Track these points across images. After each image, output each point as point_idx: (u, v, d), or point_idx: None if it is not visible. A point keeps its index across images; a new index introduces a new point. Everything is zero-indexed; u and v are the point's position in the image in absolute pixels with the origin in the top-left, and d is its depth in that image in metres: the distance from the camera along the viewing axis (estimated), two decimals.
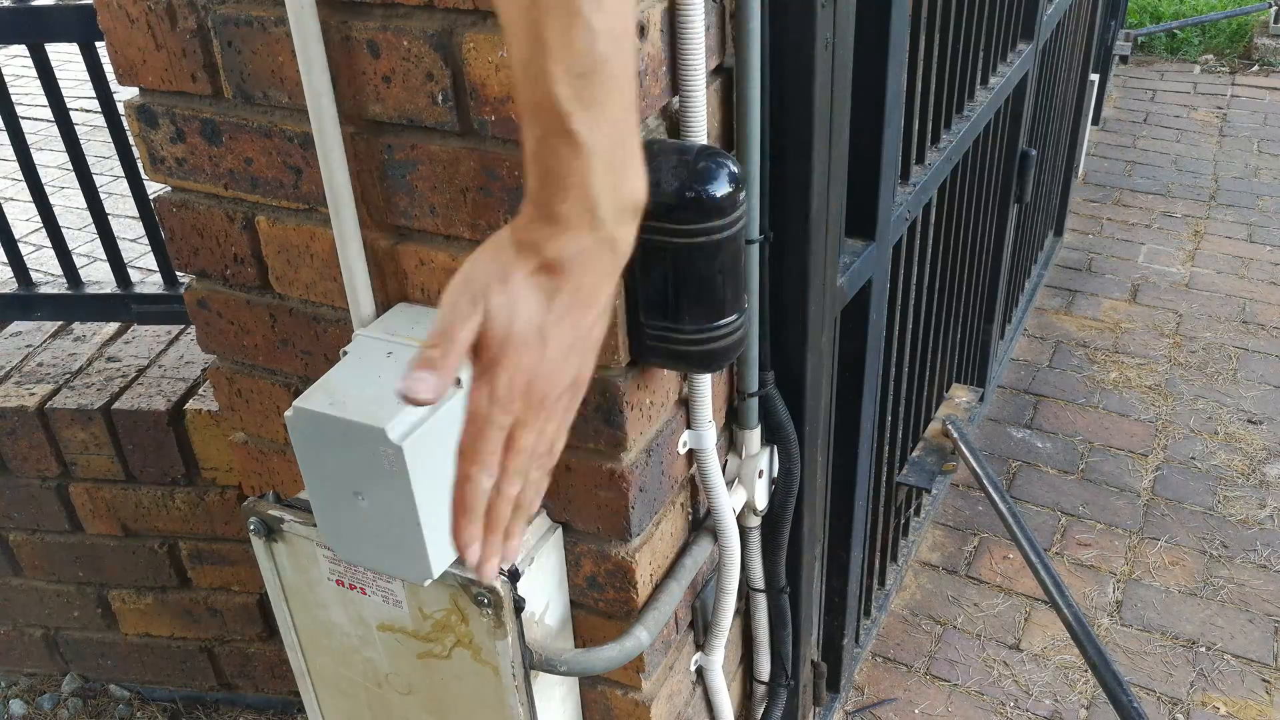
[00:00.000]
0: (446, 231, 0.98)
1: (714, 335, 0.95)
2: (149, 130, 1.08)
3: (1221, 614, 2.01)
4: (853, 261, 1.33)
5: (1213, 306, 3.01)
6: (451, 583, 0.99)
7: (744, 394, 1.19)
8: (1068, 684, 1.88)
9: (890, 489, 1.88)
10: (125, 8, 1.00)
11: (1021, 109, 2.12)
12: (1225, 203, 3.59)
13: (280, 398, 1.21)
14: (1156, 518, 2.25)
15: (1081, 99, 3.13)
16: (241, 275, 1.13)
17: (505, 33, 0.60)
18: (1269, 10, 4.83)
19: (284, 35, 0.94)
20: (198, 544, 1.77)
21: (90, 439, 1.67)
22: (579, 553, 1.12)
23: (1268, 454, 2.42)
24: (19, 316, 1.85)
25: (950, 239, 1.89)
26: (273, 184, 1.04)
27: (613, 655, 1.08)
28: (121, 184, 3.13)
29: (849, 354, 1.45)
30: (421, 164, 0.95)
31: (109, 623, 1.91)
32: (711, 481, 1.16)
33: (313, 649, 1.17)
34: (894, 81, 1.27)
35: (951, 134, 1.69)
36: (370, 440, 0.87)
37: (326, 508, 0.95)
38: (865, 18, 1.18)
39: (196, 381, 1.69)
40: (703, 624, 1.29)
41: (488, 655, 1.02)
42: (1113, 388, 2.68)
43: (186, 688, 1.99)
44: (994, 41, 1.88)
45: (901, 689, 1.89)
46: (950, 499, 2.34)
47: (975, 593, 2.09)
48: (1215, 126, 4.19)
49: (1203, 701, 1.83)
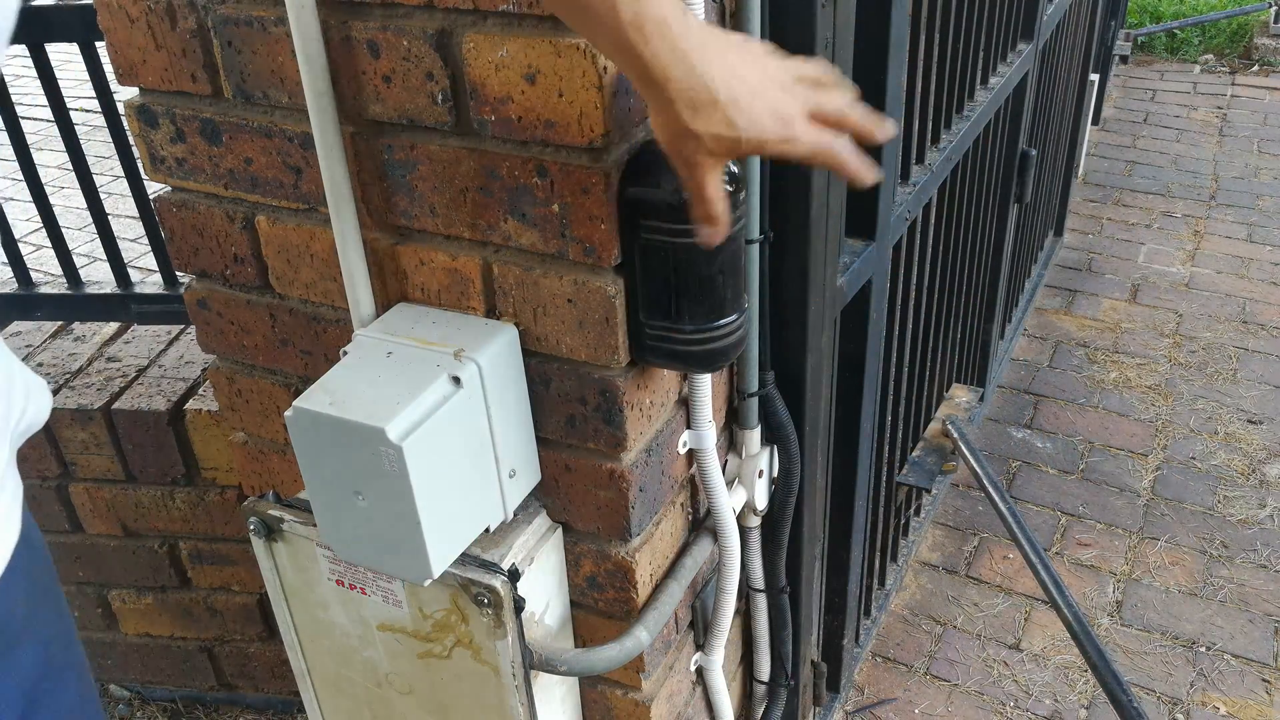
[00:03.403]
0: (446, 231, 0.98)
1: (714, 335, 0.95)
2: (149, 130, 1.08)
3: (1221, 614, 2.01)
4: (853, 261, 1.33)
5: (1213, 306, 3.01)
6: (451, 583, 0.99)
7: (744, 394, 1.19)
8: (1068, 684, 1.88)
9: (890, 489, 1.88)
10: (125, 8, 1.00)
11: (1021, 109, 2.12)
12: (1225, 202, 3.59)
13: (280, 398, 1.21)
14: (1156, 518, 2.25)
15: (1081, 99, 3.13)
16: (241, 275, 1.13)
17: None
18: (1269, 10, 4.83)
19: (284, 35, 0.94)
20: (198, 544, 1.77)
21: (90, 439, 1.67)
22: (579, 553, 1.12)
23: (1268, 454, 2.42)
24: (19, 316, 1.85)
25: (950, 239, 1.89)
26: (273, 184, 1.04)
27: (613, 655, 1.08)
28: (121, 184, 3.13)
29: (849, 354, 1.45)
30: (421, 164, 0.95)
31: (109, 623, 1.91)
32: (711, 481, 1.16)
33: (313, 649, 1.17)
34: (894, 81, 1.27)
35: (951, 134, 1.69)
36: (370, 440, 0.87)
37: (326, 508, 0.95)
38: (865, 18, 1.18)
39: (196, 381, 1.69)
40: (703, 624, 1.29)
41: (488, 655, 1.02)
42: (1113, 388, 2.68)
43: (186, 688, 1.99)
44: (994, 41, 1.88)
45: (901, 689, 1.89)
46: (950, 499, 2.34)
47: (975, 593, 2.09)
48: (1215, 126, 4.19)
49: (1203, 701, 1.83)
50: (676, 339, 0.95)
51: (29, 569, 0.82)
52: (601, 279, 0.93)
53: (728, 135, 0.76)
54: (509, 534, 1.06)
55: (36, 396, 0.84)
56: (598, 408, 1.00)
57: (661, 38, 0.72)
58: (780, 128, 0.77)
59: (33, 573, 0.82)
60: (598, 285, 0.93)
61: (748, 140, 0.76)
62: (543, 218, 0.92)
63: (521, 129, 0.89)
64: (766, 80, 0.77)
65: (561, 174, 0.89)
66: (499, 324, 0.99)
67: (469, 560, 1.00)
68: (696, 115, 0.75)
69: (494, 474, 1.00)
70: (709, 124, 0.75)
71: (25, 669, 0.80)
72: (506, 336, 0.98)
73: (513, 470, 1.02)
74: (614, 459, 1.02)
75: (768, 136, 0.77)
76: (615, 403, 0.98)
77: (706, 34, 0.75)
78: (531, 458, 1.06)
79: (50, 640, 0.84)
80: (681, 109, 0.75)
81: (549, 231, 0.93)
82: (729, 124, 0.75)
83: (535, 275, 0.96)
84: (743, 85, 0.75)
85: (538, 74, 0.86)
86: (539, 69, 0.85)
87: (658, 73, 0.73)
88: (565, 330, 0.97)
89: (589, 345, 0.97)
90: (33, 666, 0.81)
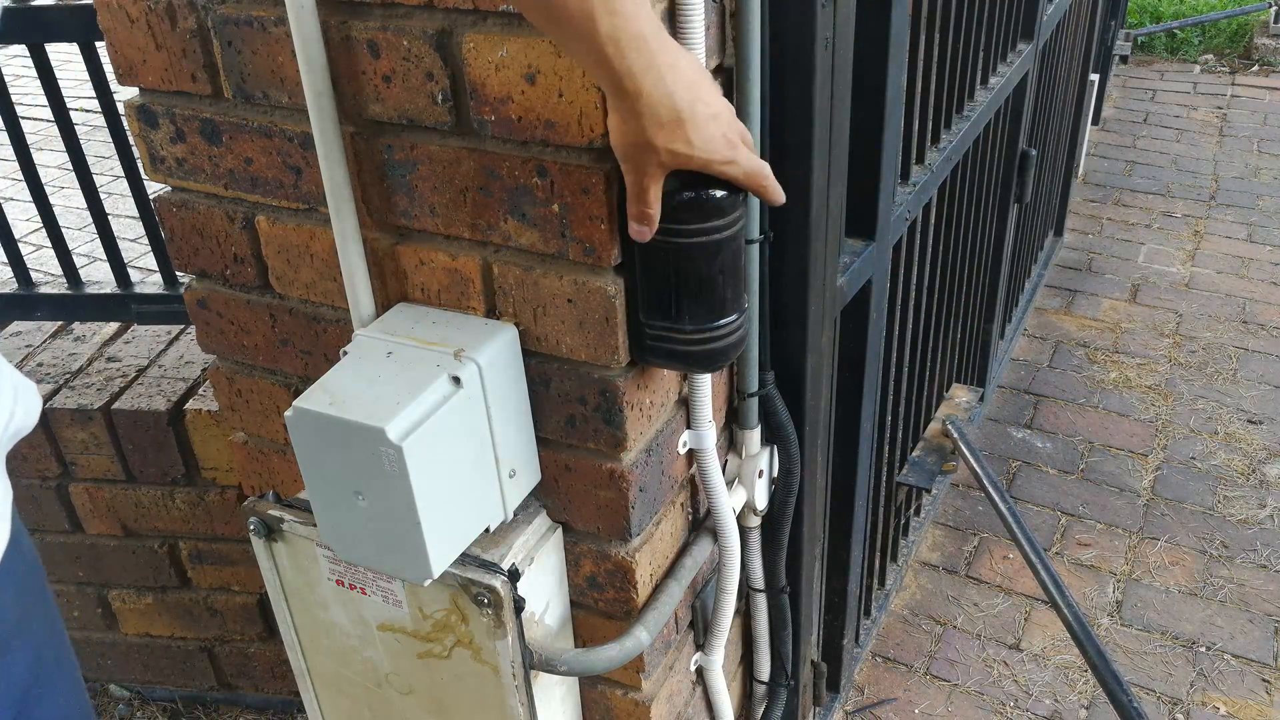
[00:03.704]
0: (446, 231, 0.98)
1: (714, 335, 0.95)
2: (149, 130, 1.08)
3: (1221, 614, 2.01)
4: (853, 261, 1.33)
5: (1213, 306, 3.01)
6: (451, 583, 0.99)
7: (744, 394, 1.19)
8: (1068, 684, 1.88)
9: (890, 489, 1.88)
10: (125, 8, 1.00)
11: (1021, 109, 2.12)
12: (1225, 203, 3.59)
13: (280, 398, 1.21)
14: (1156, 518, 2.25)
15: (1081, 99, 3.13)
16: (241, 275, 1.13)
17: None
18: (1269, 10, 4.83)
19: (284, 35, 0.94)
20: (198, 544, 1.77)
21: (90, 439, 1.67)
22: (579, 553, 1.12)
23: (1268, 454, 2.42)
24: (19, 316, 1.85)
25: (950, 239, 1.89)
26: (273, 184, 1.04)
27: (613, 655, 1.08)
28: (121, 184, 3.13)
29: (849, 354, 1.45)
30: (421, 164, 0.95)
31: (109, 623, 1.91)
32: (711, 481, 1.16)
33: (313, 649, 1.17)
34: (894, 81, 1.27)
35: (951, 134, 1.69)
36: (370, 440, 0.87)
37: (326, 508, 0.95)
38: (865, 18, 1.18)
39: (196, 381, 1.69)
40: (703, 624, 1.29)
41: (488, 655, 1.02)
42: (1113, 388, 2.68)
43: (186, 688, 1.99)
44: (994, 41, 1.88)
45: (901, 689, 1.89)
46: (950, 499, 2.34)
47: (975, 593, 2.09)
48: (1215, 126, 4.19)
49: (1203, 701, 1.83)
50: (676, 339, 0.95)
51: (19, 573, 0.82)
52: (601, 279, 0.93)
53: (683, 152, 0.80)
54: (509, 534, 1.06)
55: (25, 399, 0.84)
56: (598, 408, 1.00)
57: (638, 52, 0.75)
58: (727, 150, 0.83)
59: (22, 576, 0.82)
60: (598, 285, 0.93)
61: (699, 158, 0.81)
62: (543, 218, 0.92)
63: (521, 129, 0.89)
64: (721, 105, 0.82)
65: (561, 174, 0.89)
66: (499, 324, 0.99)
67: (469, 560, 1.00)
68: (660, 130, 0.79)
69: (494, 474, 1.00)
70: (670, 139, 0.79)
71: (17, 673, 0.80)
72: (506, 336, 0.98)
73: (513, 470, 1.02)
74: (614, 459, 1.02)
75: (715, 157, 0.82)
76: (615, 403, 0.98)
77: (679, 54, 0.78)
78: (531, 458, 1.06)
79: (41, 644, 0.84)
80: (647, 122, 0.78)
81: (549, 231, 0.93)
82: (688, 142, 0.80)
83: (535, 275, 0.96)
84: (705, 108, 0.80)
85: (538, 74, 0.86)
86: (539, 69, 0.85)
87: (630, 85, 0.76)
88: (565, 330, 0.97)
89: (589, 345, 0.97)
90: (25, 670, 0.81)
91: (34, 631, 0.83)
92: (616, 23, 0.73)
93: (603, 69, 0.76)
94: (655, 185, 0.84)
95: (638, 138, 0.79)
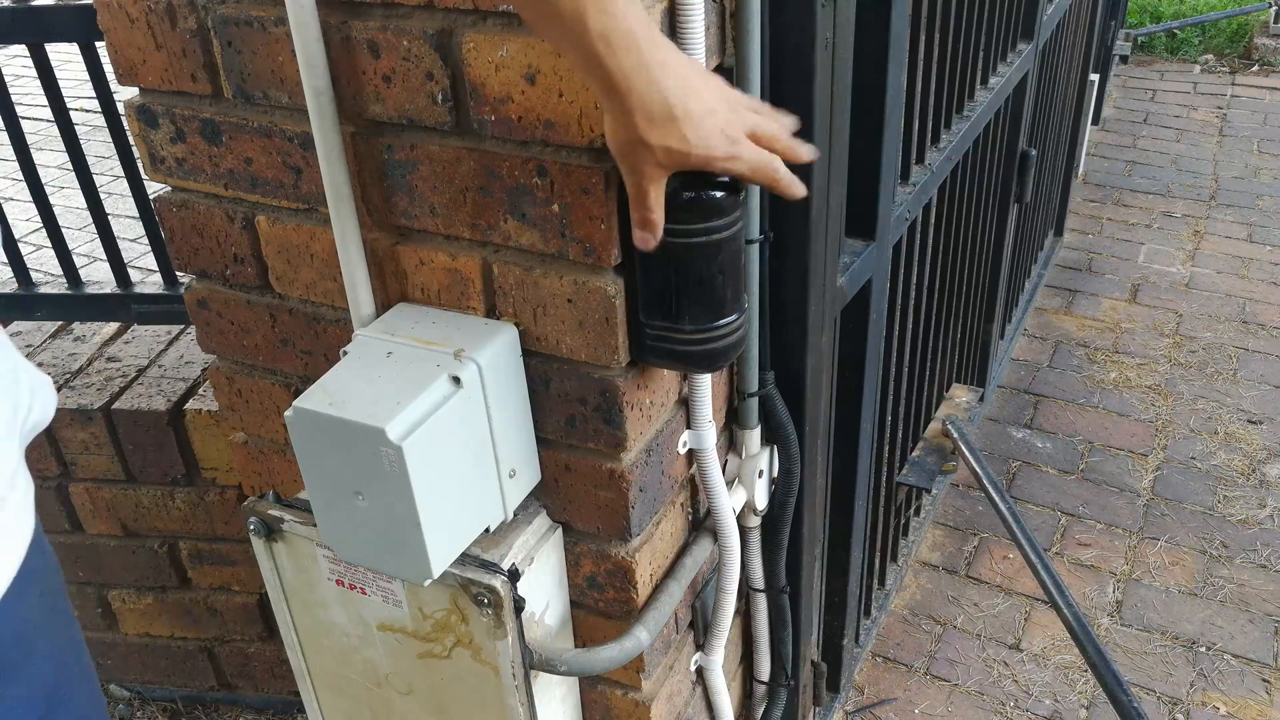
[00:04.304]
0: (446, 231, 0.98)
1: (714, 335, 0.95)
2: (149, 130, 1.08)
3: (1221, 614, 2.01)
4: (853, 261, 1.33)
5: (1213, 306, 3.01)
6: (451, 583, 0.99)
7: (744, 394, 1.19)
8: (1068, 684, 1.88)
9: (890, 489, 1.88)
10: (125, 8, 1.00)
11: (1021, 109, 2.12)
12: (1225, 203, 3.59)
13: (280, 398, 1.21)
14: (1156, 518, 2.25)
15: (1081, 99, 3.13)
16: (241, 275, 1.13)
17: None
18: (1269, 10, 4.83)
19: (284, 35, 0.94)
20: (198, 544, 1.77)
21: (90, 439, 1.67)
22: (579, 553, 1.12)
23: (1268, 454, 2.42)
24: (19, 316, 1.85)
25: (950, 239, 1.89)
26: (273, 184, 1.04)
27: (613, 655, 1.08)
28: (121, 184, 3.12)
29: (849, 354, 1.45)
30: (421, 164, 0.95)
31: (109, 623, 1.91)
32: (711, 481, 1.16)
33: (313, 649, 1.17)
34: (894, 81, 1.27)
35: (951, 134, 1.69)
36: (370, 440, 0.87)
37: (326, 508, 0.95)
38: (865, 18, 1.18)
39: (196, 381, 1.69)
40: (703, 624, 1.29)
41: (488, 655, 1.02)
42: (1113, 388, 2.68)
43: (186, 688, 1.99)
44: (994, 41, 1.88)
45: (901, 689, 1.89)
46: (950, 499, 2.34)
47: (975, 593, 2.09)
48: (1215, 126, 4.19)
49: (1203, 701, 1.83)
50: (676, 339, 0.95)
51: (43, 570, 0.81)
52: (601, 279, 0.93)
53: (679, 149, 0.79)
54: (509, 534, 1.06)
55: (42, 394, 0.84)
56: (598, 408, 1.00)
57: (628, 50, 0.75)
58: (727, 146, 0.81)
59: (46, 575, 0.82)
60: (598, 285, 0.93)
61: (697, 155, 0.80)
62: (543, 218, 0.92)
63: (521, 129, 0.89)
64: (717, 100, 0.81)
65: (561, 174, 0.89)
66: (499, 324, 0.99)
67: (469, 560, 1.00)
68: (653, 127, 0.78)
69: (494, 474, 1.00)
70: (664, 137, 0.79)
71: (46, 670, 0.80)
72: (506, 336, 0.98)
73: (513, 470, 1.02)
74: (614, 459, 1.02)
75: (715, 153, 0.81)
76: (615, 403, 0.98)
77: (669, 51, 0.78)
78: (531, 458, 1.06)
79: (64, 643, 0.84)
80: (639, 120, 0.78)
81: (549, 231, 0.93)
82: (682, 139, 0.79)
83: (535, 275, 0.96)
84: (699, 103, 0.79)
85: (538, 74, 0.86)
86: (539, 69, 0.85)
87: (621, 84, 0.76)
88: (565, 330, 0.97)
89: (589, 345, 0.97)
90: (52, 669, 0.81)
91: (57, 630, 0.83)
92: (607, 21, 0.73)
93: (594, 67, 0.76)
94: (655, 188, 0.83)
95: (631, 136, 0.79)
